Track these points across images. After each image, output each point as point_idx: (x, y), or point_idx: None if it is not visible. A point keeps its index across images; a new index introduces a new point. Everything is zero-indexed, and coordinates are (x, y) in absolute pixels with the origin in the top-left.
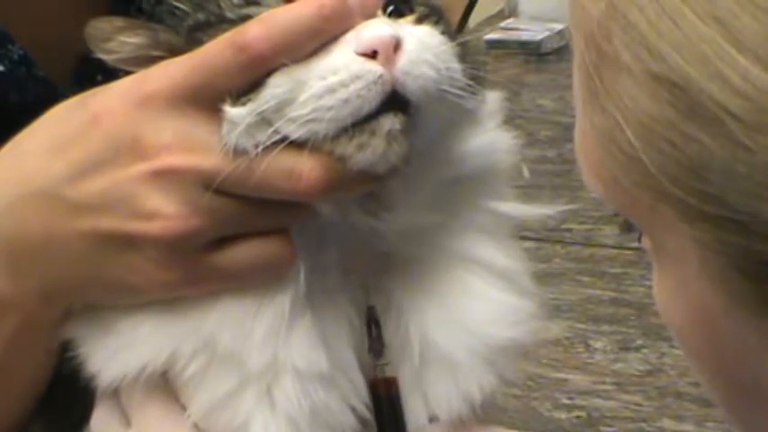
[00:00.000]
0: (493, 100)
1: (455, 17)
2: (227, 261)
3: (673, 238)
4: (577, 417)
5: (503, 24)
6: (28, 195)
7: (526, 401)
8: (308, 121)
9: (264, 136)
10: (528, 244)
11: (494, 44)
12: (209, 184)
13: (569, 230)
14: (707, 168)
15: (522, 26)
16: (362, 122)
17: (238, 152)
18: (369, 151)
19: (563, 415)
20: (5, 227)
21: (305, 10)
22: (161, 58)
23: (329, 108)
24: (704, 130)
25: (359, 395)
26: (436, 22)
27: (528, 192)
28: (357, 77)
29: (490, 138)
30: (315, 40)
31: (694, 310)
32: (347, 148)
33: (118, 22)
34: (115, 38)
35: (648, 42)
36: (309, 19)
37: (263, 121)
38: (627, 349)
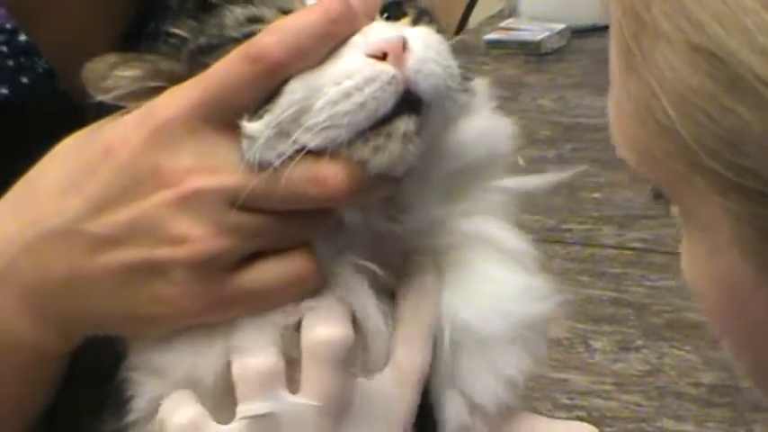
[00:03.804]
0: (481, 88)
1: (455, 17)
2: (253, 280)
3: (705, 208)
4: (577, 417)
5: (503, 24)
6: (46, 235)
7: (526, 401)
8: (325, 128)
9: (285, 147)
10: None
11: (494, 44)
12: (235, 202)
13: (569, 230)
14: (743, 141)
15: (522, 26)
16: (378, 126)
17: (261, 166)
18: (386, 154)
19: (563, 415)
20: (24, 269)
21: (312, 15)
22: (162, 89)
23: (346, 113)
24: (743, 103)
25: None
26: (430, 23)
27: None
28: (371, 80)
29: (488, 124)
30: (326, 43)
31: (723, 280)
32: (364, 152)
33: (111, 58)
34: (110, 74)
35: (689, 12)
36: (318, 23)
37: (282, 132)
38: (627, 349)
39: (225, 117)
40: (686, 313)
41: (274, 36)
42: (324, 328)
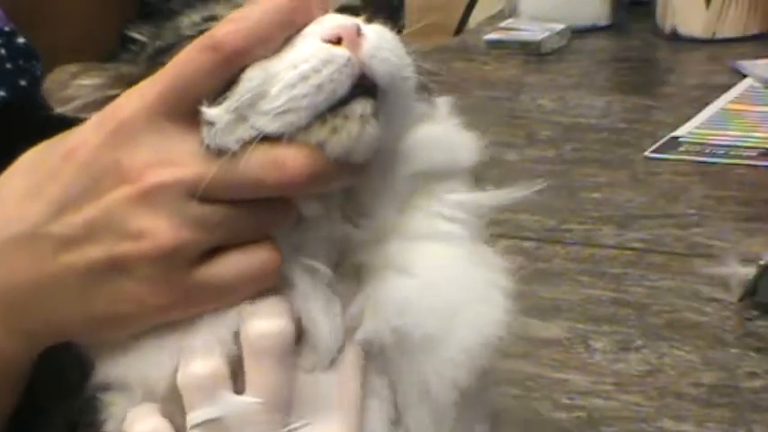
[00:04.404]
0: (444, 103)
1: (455, 17)
2: (217, 273)
3: None
4: (577, 417)
5: (503, 24)
6: (10, 242)
7: (526, 401)
8: (283, 112)
9: (243, 132)
10: (528, 244)
11: (494, 44)
12: (196, 193)
13: (569, 230)
14: None
15: (522, 26)
16: (335, 108)
17: (221, 153)
18: (344, 135)
19: (563, 415)
20: None
21: (268, 4)
22: None
23: (304, 96)
24: None
25: None
26: (384, 22)
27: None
28: (328, 62)
29: (448, 132)
30: (282, 31)
31: None
32: (322, 133)
33: (71, 68)
34: (71, 83)
35: None
36: (274, 11)
37: (241, 117)
38: (627, 349)
39: (185, 108)
40: (686, 313)
41: (232, 25)
42: (261, 321)
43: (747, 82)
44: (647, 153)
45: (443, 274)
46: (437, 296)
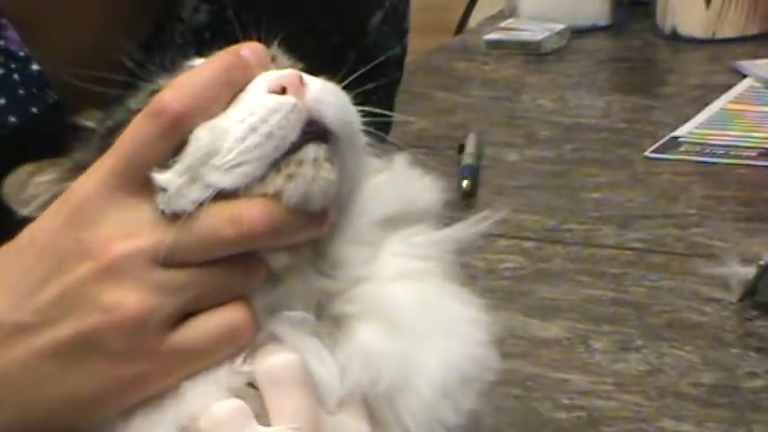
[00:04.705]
0: (403, 159)
1: (455, 17)
2: (188, 338)
3: None
4: (577, 417)
5: (503, 24)
6: None
7: (526, 401)
8: (236, 166)
9: (197, 192)
10: (528, 244)
11: (494, 44)
12: (158, 260)
13: (569, 230)
14: None
15: (522, 26)
16: (288, 155)
17: (177, 216)
18: (300, 180)
19: (563, 415)
20: None
21: (206, 66)
22: None
23: (255, 146)
24: None
25: None
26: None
27: (527, 192)
28: (274, 111)
29: (405, 177)
30: (223, 90)
31: None
32: (278, 181)
33: (27, 168)
34: (28, 182)
35: None
36: (213, 72)
37: (193, 178)
38: (627, 349)
39: (139, 177)
40: (686, 313)
41: (172, 90)
42: (274, 355)
43: (747, 82)
44: (647, 153)
45: (411, 314)
46: (403, 337)
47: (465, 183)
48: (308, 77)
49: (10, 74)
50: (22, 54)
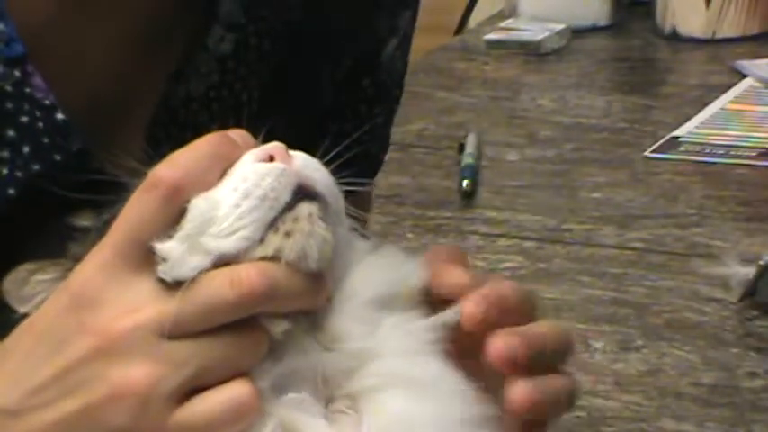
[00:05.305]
0: (392, 250)
1: (455, 17)
2: (196, 414)
3: None
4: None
5: (503, 24)
6: None
7: None
8: (233, 231)
9: (198, 260)
10: (528, 244)
11: (494, 44)
12: (163, 331)
13: (569, 230)
14: None
15: (522, 26)
16: (284, 214)
17: (179, 285)
18: (297, 236)
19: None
20: None
21: (196, 143)
22: None
23: (250, 210)
24: None
25: None
26: None
27: (528, 193)
28: (265, 175)
29: (391, 257)
30: (214, 163)
31: None
32: (276, 240)
33: (28, 266)
34: (29, 280)
35: None
36: (204, 147)
37: (193, 246)
38: (627, 349)
39: (140, 252)
40: (686, 313)
41: (167, 163)
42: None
43: (747, 82)
44: (647, 153)
45: (432, 377)
46: (433, 399)
47: (465, 183)
48: (292, 152)
49: (34, 122)
50: (47, 102)
